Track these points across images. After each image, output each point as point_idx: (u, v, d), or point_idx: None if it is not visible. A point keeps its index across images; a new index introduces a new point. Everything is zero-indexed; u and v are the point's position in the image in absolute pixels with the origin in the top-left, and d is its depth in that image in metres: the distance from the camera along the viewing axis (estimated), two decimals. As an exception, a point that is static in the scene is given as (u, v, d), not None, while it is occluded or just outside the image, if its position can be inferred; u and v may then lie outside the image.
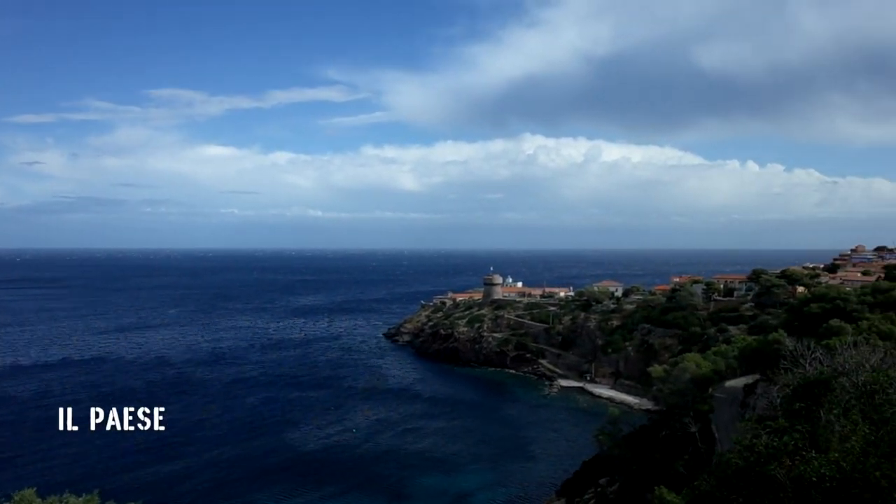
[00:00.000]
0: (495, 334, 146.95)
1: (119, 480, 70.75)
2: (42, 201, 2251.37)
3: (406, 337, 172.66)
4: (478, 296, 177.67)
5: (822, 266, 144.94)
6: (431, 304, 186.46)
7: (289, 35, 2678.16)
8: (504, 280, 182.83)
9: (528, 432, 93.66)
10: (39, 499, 20.26)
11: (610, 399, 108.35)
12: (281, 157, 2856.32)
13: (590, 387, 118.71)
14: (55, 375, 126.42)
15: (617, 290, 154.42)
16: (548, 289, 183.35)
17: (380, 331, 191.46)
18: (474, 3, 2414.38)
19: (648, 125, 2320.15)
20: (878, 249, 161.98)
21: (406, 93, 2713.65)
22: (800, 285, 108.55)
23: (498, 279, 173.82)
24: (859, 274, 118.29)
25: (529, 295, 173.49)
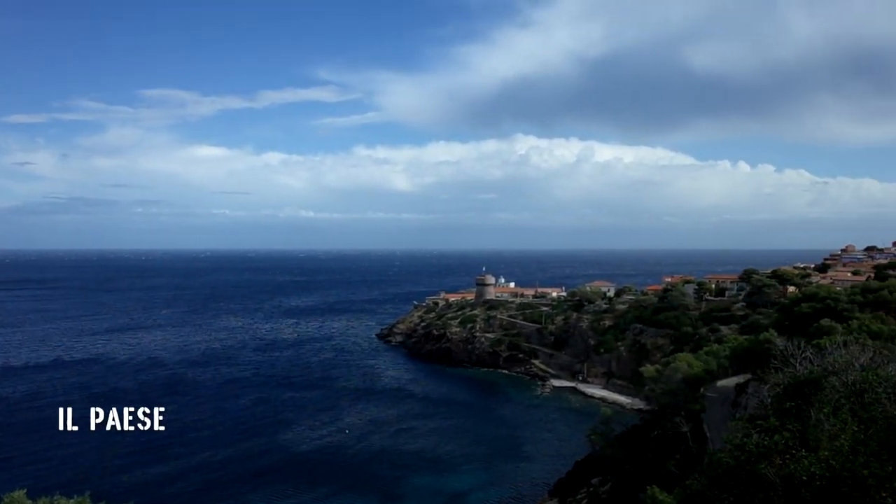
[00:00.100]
0: (488, 334, 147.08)
1: (111, 482, 70.53)
2: (33, 202, 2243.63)
3: (399, 337, 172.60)
4: (470, 296, 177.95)
5: (813, 266, 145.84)
6: (424, 305, 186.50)
7: (281, 35, 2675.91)
8: (496, 280, 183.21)
9: (521, 432, 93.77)
10: (30, 500, 20.20)
11: (602, 399, 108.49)
12: (273, 158, 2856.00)
13: (582, 387, 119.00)
14: (47, 376, 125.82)
15: (609, 291, 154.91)
16: (540, 289, 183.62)
17: (372, 331, 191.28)
18: (466, 4, 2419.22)
19: (640, 126, 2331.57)
20: (868, 249, 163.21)
21: (398, 93, 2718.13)
22: (791, 285, 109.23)
23: (490, 279, 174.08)
24: (849, 274, 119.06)
25: (522, 295, 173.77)
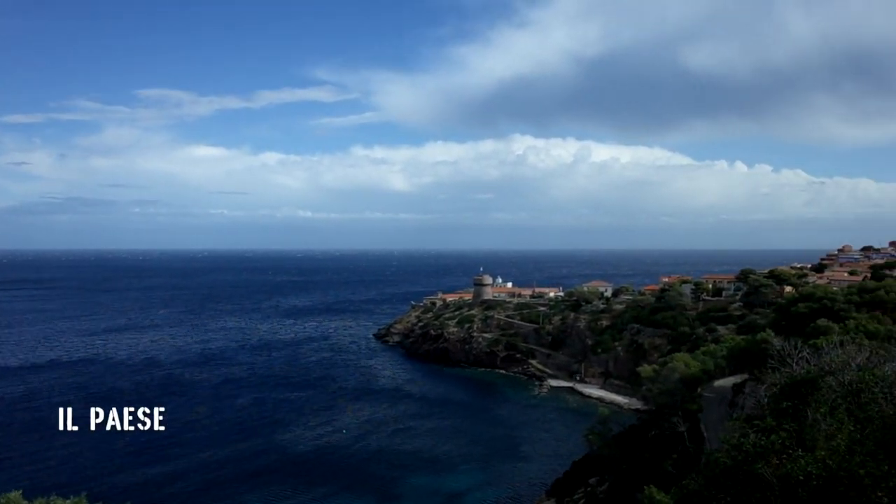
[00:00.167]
0: (485, 334, 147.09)
1: (109, 482, 70.56)
2: (29, 202, 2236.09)
3: (396, 337, 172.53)
4: (468, 296, 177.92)
5: (810, 266, 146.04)
6: (421, 305, 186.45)
7: (278, 35, 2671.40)
8: (494, 280, 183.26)
9: (519, 432, 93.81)
10: (26, 501, 20.14)
11: (600, 399, 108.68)
12: (270, 158, 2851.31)
13: (579, 387, 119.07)
14: (44, 377, 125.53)
15: (606, 291, 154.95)
16: (538, 289, 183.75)
17: (370, 331, 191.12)
18: (463, 4, 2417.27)
19: (637, 126, 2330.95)
20: (865, 249, 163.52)
21: (396, 93, 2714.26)
22: (788, 285, 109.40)
23: (488, 279, 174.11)
24: (846, 274, 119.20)
25: (519, 295, 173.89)
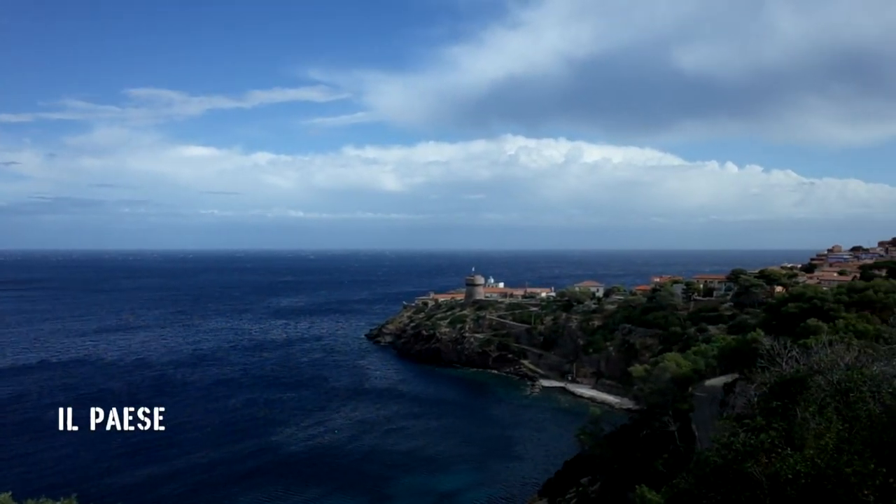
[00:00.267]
0: (477, 335, 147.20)
1: (100, 483, 70.26)
2: (18, 202, 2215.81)
3: (388, 338, 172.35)
4: (460, 296, 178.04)
5: (800, 266, 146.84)
6: (413, 305, 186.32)
7: (270, 35, 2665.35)
8: (486, 281, 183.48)
9: (511, 432, 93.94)
10: (15, 503, 20.06)
11: (591, 399, 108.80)
12: (262, 158, 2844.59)
13: (571, 387, 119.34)
14: (34, 378, 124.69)
15: (598, 291, 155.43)
16: (529, 289, 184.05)
17: (362, 332, 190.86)
18: (455, 4, 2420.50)
19: (629, 126, 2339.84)
20: (854, 249, 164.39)
21: (387, 93, 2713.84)
22: (778, 285, 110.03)
23: (480, 280, 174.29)
24: (836, 274, 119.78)
25: (511, 295, 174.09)
